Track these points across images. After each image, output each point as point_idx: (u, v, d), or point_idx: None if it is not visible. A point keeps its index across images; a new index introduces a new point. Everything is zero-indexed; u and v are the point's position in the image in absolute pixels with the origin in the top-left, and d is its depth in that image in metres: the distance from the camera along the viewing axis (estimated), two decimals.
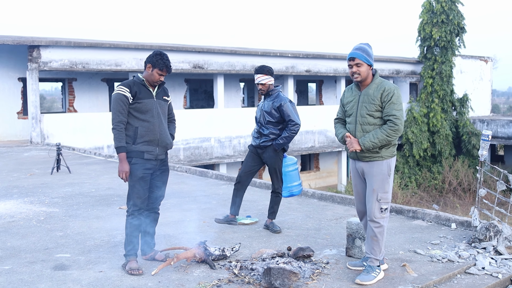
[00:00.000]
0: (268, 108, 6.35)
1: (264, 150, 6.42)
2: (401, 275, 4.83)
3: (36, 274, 4.89)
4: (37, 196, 8.70)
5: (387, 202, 4.78)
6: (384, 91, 4.66)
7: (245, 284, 4.57)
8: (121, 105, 4.87)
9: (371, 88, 4.74)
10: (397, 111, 4.60)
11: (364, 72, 4.69)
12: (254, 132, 6.58)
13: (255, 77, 6.36)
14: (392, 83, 4.75)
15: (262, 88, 6.35)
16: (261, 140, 6.41)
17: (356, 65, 4.68)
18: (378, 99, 4.67)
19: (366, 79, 4.73)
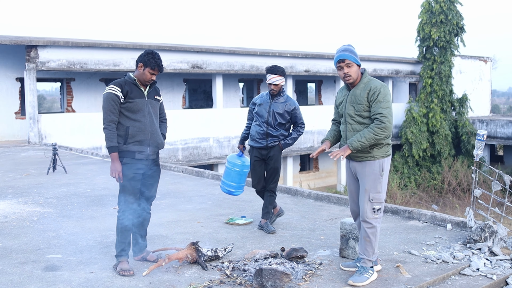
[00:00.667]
0: (280, 110, 6.31)
1: (270, 150, 6.38)
2: (395, 276, 4.79)
3: (26, 275, 4.85)
4: (32, 196, 8.65)
5: (380, 203, 4.73)
6: (370, 90, 4.62)
7: (237, 285, 4.53)
8: (112, 104, 4.83)
9: (358, 88, 4.71)
10: (384, 109, 4.55)
11: (355, 72, 4.66)
12: (255, 133, 6.41)
13: (269, 77, 6.29)
14: (379, 82, 4.69)
15: (274, 89, 6.29)
16: (268, 141, 6.35)
17: (347, 65, 4.64)
18: (364, 98, 4.63)
19: (356, 79, 4.70)
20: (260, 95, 6.58)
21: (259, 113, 6.40)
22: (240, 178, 6.52)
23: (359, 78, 4.71)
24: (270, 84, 6.29)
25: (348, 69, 4.64)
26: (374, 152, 4.67)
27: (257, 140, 6.40)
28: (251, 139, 6.47)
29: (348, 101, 4.73)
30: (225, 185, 6.59)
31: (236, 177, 6.51)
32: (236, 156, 6.58)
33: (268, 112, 6.33)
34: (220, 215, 7.21)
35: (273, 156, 6.37)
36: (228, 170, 6.56)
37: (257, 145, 6.41)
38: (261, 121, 6.37)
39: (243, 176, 6.53)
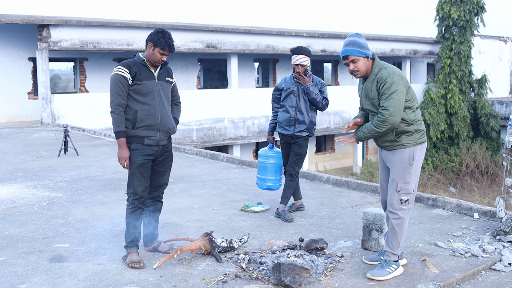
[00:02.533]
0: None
1: (297, 139, 6.09)
2: (421, 271, 4.48)
3: (31, 266, 4.61)
4: (42, 180, 8.43)
5: (408, 194, 4.40)
6: (378, 82, 4.29)
7: (253, 280, 4.25)
8: (120, 86, 4.53)
9: (369, 80, 4.39)
10: (385, 101, 4.20)
11: (362, 66, 4.32)
12: (283, 120, 6.14)
13: (295, 57, 6.02)
14: (388, 70, 4.27)
15: (300, 70, 5.99)
16: (296, 129, 6.06)
17: (352, 61, 4.31)
18: (375, 92, 4.31)
19: (367, 71, 4.36)
20: (283, 79, 6.27)
21: (287, 98, 6.11)
22: (277, 171, 6.24)
23: (370, 67, 4.37)
24: (296, 65, 5.99)
25: (354, 64, 4.31)
26: (403, 140, 4.34)
27: (284, 127, 6.12)
28: (279, 126, 6.19)
29: (363, 95, 4.45)
30: (262, 181, 6.31)
31: (273, 171, 6.23)
32: (268, 149, 6.28)
33: (297, 96, 6.03)
34: (235, 201, 6.92)
35: (299, 142, 6.08)
36: (263, 165, 6.27)
37: (285, 132, 6.14)
38: (289, 106, 6.07)
39: (279, 169, 6.25)
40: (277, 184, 6.33)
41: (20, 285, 4.19)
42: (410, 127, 4.34)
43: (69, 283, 4.23)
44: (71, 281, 4.26)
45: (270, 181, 6.29)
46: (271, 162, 6.25)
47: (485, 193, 20.76)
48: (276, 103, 6.33)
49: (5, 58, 19.21)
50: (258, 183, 6.42)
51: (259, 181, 6.37)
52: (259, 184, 6.40)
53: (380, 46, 26.30)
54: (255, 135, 22.00)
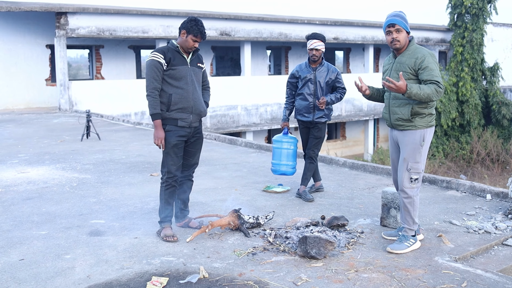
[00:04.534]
0: (325, 79, 6.32)
1: (315, 125, 6.37)
2: (438, 245, 4.78)
3: (72, 239, 4.95)
4: (69, 162, 8.78)
5: (418, 173, 4.69)
6: (418, 58, 4.53)
7: (280, 252, 4.56)
8: (156, 71, 4.83)
9: (404, 56, 4.62)
10: (437, 77, 4.46)
11: (403, 39, 4.57)
12: (302, 108, 6.38)
13: (310, 42, 6.26)
14: (426, 49, 4.59)
15: (315, 54, 6.24)
16: (315, 116, 6.33)
17: (396, 31, 4.55)
18: (410, 67, 4.55)
19: (403, 46, 4.62)
20: (298, 66, 6.51)
21: (304, 86, 6.36)
22: (291, 156, 6.50)
23: (406, 45, 4.63)
24: (311, 49, 6.24)
25: (397, 34, 4.56)
26: (416, 121, 4.62)
27: (304, 115, 6.38)
28: (298, 113, 6.44)
29: (394, 68, 4.66)
30: (277, 166, 6.55)
31: (288, 156, 6.48)
32: (283, 135, 6.54)
33: (314, 84, 6.30)
34: (256, 182, 7.24)
35: (318, 126, 6.36)
36: (278, 151, 6.52)
37: (304, 119, 6.40)
38: (307, 94, 6.34)
39: (294, 154, 6.52)
40: (291, 169, 6.57)
41: (65, 256, 4.53)
42: (425, 109, 4.61)
43: (110, 254, 4.56)
44: (111, 252, 4.59)
45: (285, 166, 6.54)
46: (286, 147, 6.49)
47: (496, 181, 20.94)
48: (291, 90, 6.57)
49: (23, 45, 19.57)
50: (272, 168, 6.64)
51: (274, 166, 6.60)
52: (273, 169, 6.63)
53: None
54: (267, 122, 22.28)
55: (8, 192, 6.76)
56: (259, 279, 4.02)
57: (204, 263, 4.35)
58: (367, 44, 26.10)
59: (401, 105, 4.62)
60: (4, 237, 5.02)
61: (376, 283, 3.96)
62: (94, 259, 4.45)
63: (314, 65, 6.35)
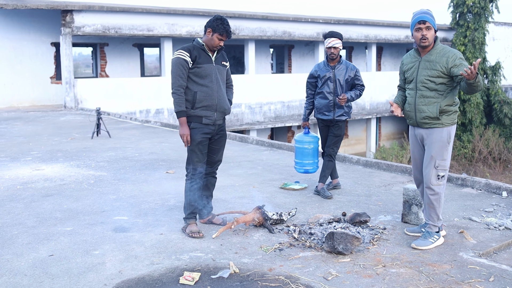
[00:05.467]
0: (345, 77, 6.39)
1: (336, 123, 6.44)
2: (460, 241, 4.84)
3: (98, 235, 5.00)
4: (83, 160, 8.82)
5: (445, 170, 4.76)
6: (449, 57, 4.58)
7: (307, 248, 4.62)
8: (181, 69, 4.88)
9: (432, 54, 4.67)
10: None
11: (431, 37, 4.63)
12: (322, 106, 6.44)
13: (328, 40, 6.33)
14: (453, 48, 4.68)
15: (334, 52, 6.30)
16: (336, 114, 6.39)
17: (427, 28, 4.60)
18: (441, 65, 4.60)
19: (430, 44, 4.67)
20: (317, 66, 6.57)
21: (324, 85, 6.42)
22: (313, 155, 6.59)
23: (432, 44, 4.68)
24: (329, 48, 6.29)
25: (427, 31, 4.60)
26: (443, 119, 4.68)
27: (324, 113, 6.44)
28: (318, 112, 6.50)
29: (421, 67, 4.70)
30: (300, 165, 6.67)
31: (310, 155, 6.58)
32: (303, 134, 6.63)
33: (334, 82, 6.35)
34: (273, 180, 7.30)
35: (339, 124, 6.43)
36: (300, 150, 6.62)
37: (324, 117, 6.46)
38: (327, 92, 6.39)
39: (315, 152, 6.60)
40: (314, 167, 6.67)
41: (93, 251, 4.59)
42: (451, 107, 4.68)
43: (138, 250, 4.62)
44: (139, 248, 4.65)
45: (308, 165, 6.64)
46: (308, 146, 6.59)
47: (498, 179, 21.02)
48: (310, 90, 6.63)
49: (28, 43, 19.59)
50: (296, 167, 6.76)
51: (297, 165, 6.72)
52: (297, 168, 6.74)
53: (395, 32, 26.51)
54: (271, 120, 22.33)
55: (27, 189, 6.81)
56: (289, 274, 4.08)
57: (233, 258, 4.40)
58: (370, 43, 26.17)
59: (429, 104, 4.67)
60: (30, 233, 5.07)
61: (405, 277, 4.02)
62: (123, 254, 4.51)
63: (332, 63, 6.40)
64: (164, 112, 19.27)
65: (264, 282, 3.94)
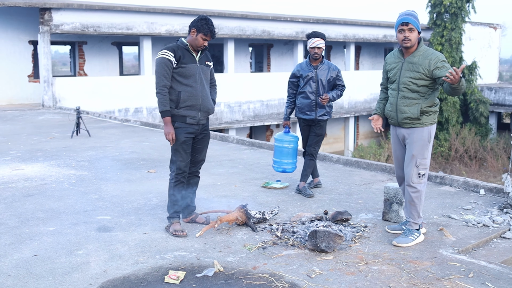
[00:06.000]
0: (327, 77, 6.44)
1: (317, 123, 6.49)
2: (440, 239, 4.94)
3: (82, 235, 5.00)
4: (63, 159, 8.78)
5: (425, 168, 4.86)
6: (432, 59, 4.67)
7: (290, 246, 4.68)
8: (166, 69, 4.90)
9: (415, 56, 4.75)
10: None
11: (414, 38, 4.70)
12: (304, 106, 6.49)
13: (311, 41, 6.36)
14: (436, 50, 4.76)
15: (317, 52, 6.35)
16: (318, 113, 6.45)
17: (409, 30, 4.68)
18: (424, 67, 4.68)
19: (413, 46, 4.75)
20: (299, 65, 6.61)
21: (306, 84, 6.47)
22: (292, 154, 6.62)
23: (415, 45, 4.76)
24: (313, 47, 6.34)
25: (409, 33, 4.68)
26: (424, 119, 4.77)
27: (306, 113, 6.50)
28: (300, 111, 6.55)
29: (404, 68, 4.78)
30: (278, 164, 6.67)
31: (289, 154, 6.60)
32: (284, 133, 6.65)
33: (316, 82, 6.41)
34: (254, 179, 7.34)
35: (320, 124, 6.50)
36: (279, 149, 6.63)
37: (306, 117, 6.52)
38: (310, 92, 6.45)
39: (294, 152, 6.64)
40: (292, 167, 6.70)
41: (77, 251, 4.59)
42: (432, 108, 4.78)
43: (122, 249, 4.63)
44: (123, 248, 4.66)
45: (286, 164, 6.66)
46: (287, 146, 6.63)
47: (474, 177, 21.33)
48: (292, 89, 6.68)
49: (5, 41, 19.36)
50: (274, 166, 6.77)
51: (276, 164, 6.73)
52: (275, 167, 6.75)
53: (373, 32, 26.74)
54: (250, 119, 22.39)
55: (7, 189, 6.76)
56: (273, 272, 4.13)
57: (217, 257, 4.44)
58: (349, 42, 26.35)
59: (410, 105, 4.76)
60: (13, 233, 5.05)
61: (387, 274, 4.10)
62: (107, 254, 4.52)
63: (315, 63, 6.46)
64: (143, 111, 19.21)
65: (249, 280, 3.99)
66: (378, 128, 5.05)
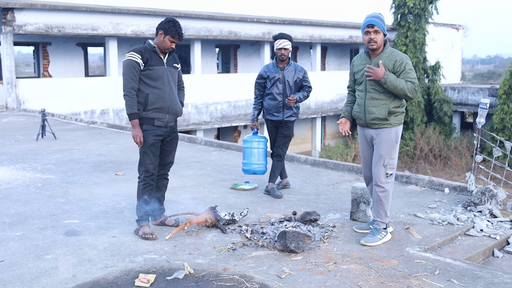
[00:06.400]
0: (293, 78, 6.48)
1: (285, 124, 6.53)
2: (406, 237, 5.04)
3: (50, 239, 4.94)
4: (28, 162, 8.65)
5: (393, 168, 4.95)
6: (396, 61, 4.76)
7: (259, 247, 4.71)
8: (133, 71, 4.89)
9: (381, 57, 4.84)
10: (414, 79, 4.75)
11: (380, 40, 4.79)
12: (271, 107, 6.52)
13: (278, 42, 6.39)
14: (403, 53, 4.86)
15: (284, 53, 6.39)
16: (285, 115, 6.48)
17: (375, 32, 4.76)
18: (389, 69, 4.78)
19: (379, 47, 4.83)
20: (266, 67, 6.64)
21: (273, 86, 6.50)
22: (262, 156, 6.66)
23: (381, 47, 4.85)
24: (280, 49, 6.38)
25: (375, 35, 4.76)
26: (391, 120, 4.86)
27: (273, 114, 6.53)
28: (267, 113, 6.58)
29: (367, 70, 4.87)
30: (248, 166, 6.69)
31: (258, 156, 6.63)
32: (252, 135, 6.68)
33: (283, 83, 6.45)
34: (223, 180, 7.36)
35: (288, 125, 6.54)
36: (248, 150, 6.66)
37: (273, 118, 6.54)
38: (277, 93, 6.48)
39: (264, 153, 6.67)
40: (262, 169, 6.74)
41: (45, 256, 4.54)
42: (399, 109, 4.88)
43: (91, 253, 4.60)
44: (92, 252, 4.63)
45: (256, 166, 6.69)
46: (256, 147, 6.66)
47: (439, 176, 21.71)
48: (259, 91, 6.71)
49: None
50: (244, 168, 6.78)
51: (245, 166, 6.74)
52: (245, 169, 6.77)
53: (339, 33, 26.98)
54: (217, 120, 22.37)
55: None
56: (243, 273, 4.15)
57: (187, 259, 4.45)
58: (315, 43, 26.55)
59: (378, 105, 4.84)
60: None
61: (355, 273, 4.16)
62: (76, 258, 4.48)
63: (282, 64, 6.51)
64: (110, 112, 19.03)
65: (219, 282, 4.01)
66: (346, 131, 5.15)
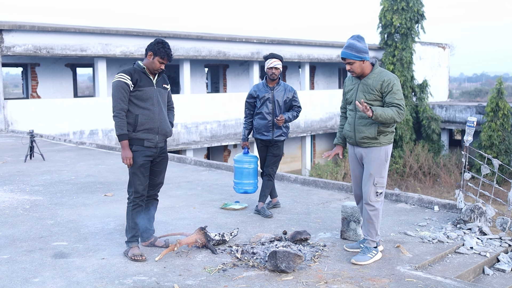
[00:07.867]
0: (283, 98, 6.51)
1: (275, 143, 6.54)
2: (397, 255, 5.03)
3: (37, 262, 4.89)
4: (16, 184, 8.58)
5: (383, 187, 4.96)
6: (384, 82, 4.81)
7: (250, 268, 4.69)
8: (122, 92, 4.89)
9: (370, 78, 4.88)
10: (399, 100, 4.78)
11: (357, 68, 4.84)
12: (261, 127, 6.55)
13: (269, 61, 6.45)
14: (391, 73, 4.89)
15: (275, 73, 6.43)
16: (275, 134, 6.50)
17: (348, 63, 4.84)
18: (377, 89, 4.82)
19: (362, 72, 4.88)
20: (256, 86, 6.67)
21: (263, 105, 6.53)
22: (253, 175, 6.66)
23: (368, 69, 4.88)
24: (271, 68, 6.43)
25: (349, 66, 4.84)
26: (381, 139, 4.89)
27: (263, 133, 6.55)
28: (257, 132, 6.60)
29: (360, 89, 4.91)
30: (239, 185, 6.70)
31: (249, 175, 6.64)
32: (243, 154, 6.69)
33: (272, 103, 6.48)
34: (213, 200, 7.34)
35: (278, 144, 6.55)
36: (239, 170, 6.67)
37: (263, 137, 6.57)
38: (266, 113, 6.50)
39: (255, 173, 6.67)
40: (254, 188, 6.75)
41: (33, 279, 4.48)
42: (388, 128, 4.91)
43: (79, 276, 4.55)
44: (80, 274, 4.58)
45: (247, 185, 6.71)
46: (247, 167, 6.67)
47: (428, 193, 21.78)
48: (249, 110, 6.73)
49: None
50: (235, 187, 6.80)
51: (237, 185, 6.76)
52: (236, 188, 6.78)
53: (327, 52, 27.17)
54: (207, 140, 22.36)
55: None
56: None
57: (177, 281, 4.41)
58: (303, 62, 26.70)
59: (367, 125, 4.87)
60: None
61: None
62: (64, 281, 4.43)
63: (271, 84, 6.54)
64: (99, 133, 18.97)
65: None
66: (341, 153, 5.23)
